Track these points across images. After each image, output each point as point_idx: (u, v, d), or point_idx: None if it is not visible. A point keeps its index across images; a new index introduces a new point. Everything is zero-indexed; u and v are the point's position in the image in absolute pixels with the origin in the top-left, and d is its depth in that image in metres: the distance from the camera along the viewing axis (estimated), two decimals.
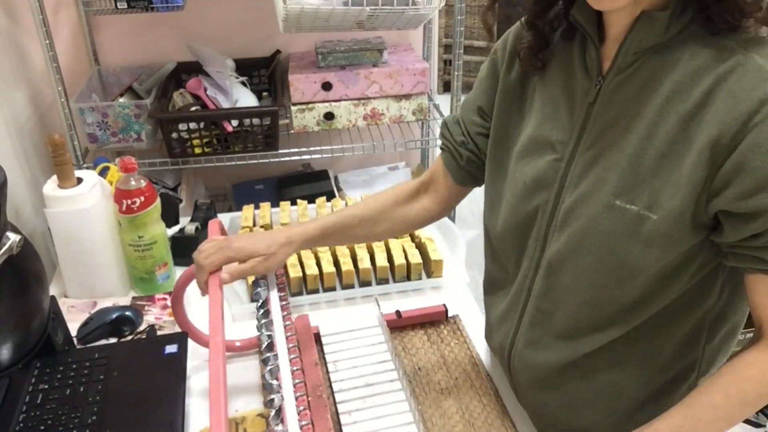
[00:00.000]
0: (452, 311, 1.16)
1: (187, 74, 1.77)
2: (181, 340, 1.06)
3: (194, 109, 1.61)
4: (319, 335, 1.08)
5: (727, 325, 0.83)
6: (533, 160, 0.83)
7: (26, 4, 1.41)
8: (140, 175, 1.19)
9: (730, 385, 0.73)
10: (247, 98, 1.69)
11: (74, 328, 1.13)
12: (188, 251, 1.03)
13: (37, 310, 0.99)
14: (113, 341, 1.13)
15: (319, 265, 1.24)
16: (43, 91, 1.66)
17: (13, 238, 0.89)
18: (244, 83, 1.74)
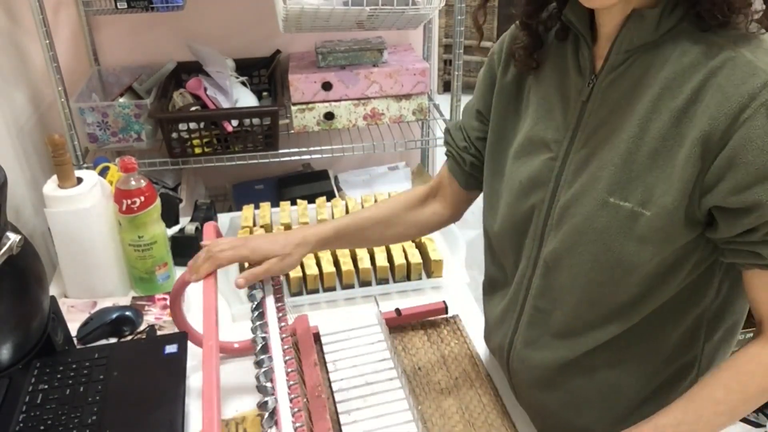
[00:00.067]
0: (452, 311, 1.16)
1: (187, 74, 1.77)
2: (181, 340, 1.06)
3: (194, 109, 1.61)
4: (318, 335, 1.09)
5: (726, 322, 0.83)
6: (529, 159, 0.84)
7: (26, 4, 1.41)
8: (140, 175, 1.19)
9: (731, 379, 0.73)
10: (247, 98, 1.69)
11: (74, 328, 1.13)
12: (188, 251, 1.04)
13: (37, 310, 0.99)
14: (113, 341, 1.13)
15: (319, 265, 1.24)
16: (43, 91, 1.66)
17: (13, 238, 0.89)
18: (244, 83, 1.74)
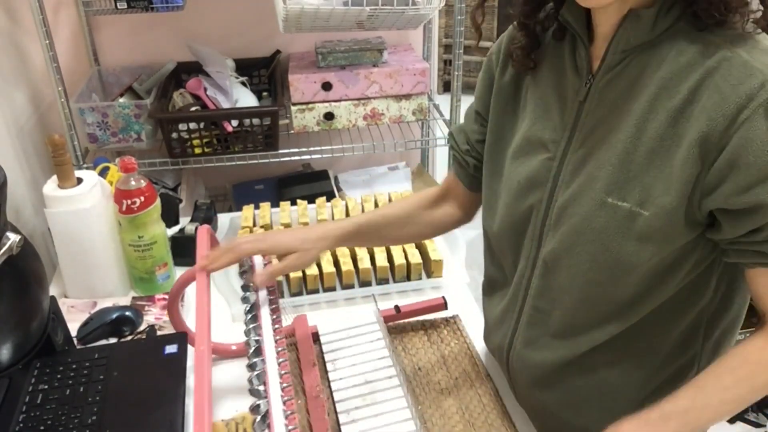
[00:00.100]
0: (452, 311, 1.16)
1: (187, 74, 1.77)
2: (180, 340, 1.05)
3: (194, 109, 1.61)
4: (317, 335, 1.09)
5: (724, 321, 0.83)
6: (527, 160, 0.84)
7: (26, 4, 1.41)
8: (140, 175, 1.19)
9: (739, 368, 0.72)
10: (247, 98, 1.69)
11: (74, 328, 1.13)
12: (188, 251, 1.03)
13: (37, 310, 0.99)
14: (113, 341, 1.13)
15: (319, 265, 1.24)
16: (43, 91, 1.66)
17: (13, 238, 0.89)
18: (244, 83, 1.74)
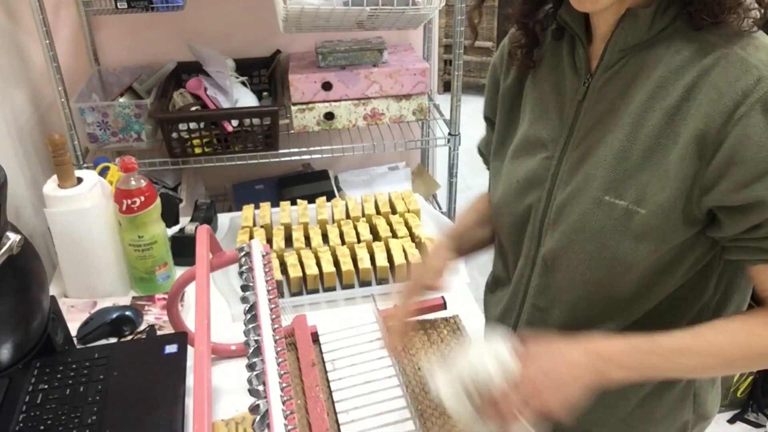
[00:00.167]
0: (452, 311, 1.16)
1: (187, 74, 1.77)
2: (181, 340, 1.05)
3: (194, 109, 1.61)
4: (317, 335, 1.09)
5: None
6: (526, 159, 0.84)
7: (26, 4, 1.41)
8: (140, 175, 1.19)
9: (739, 333, 0.72)
10: (247, 98, 1.69)
11: (74, 328, 1.13)
12: (188, 251, 1.03)
13: (37, 310, 0.99)
14: (113, 341, 1.13)
15: (319, 265, 1.24)
16: (43, 91, 1.66)
17: (13, 238, 0.89)
18: (244, 83, 1.74)
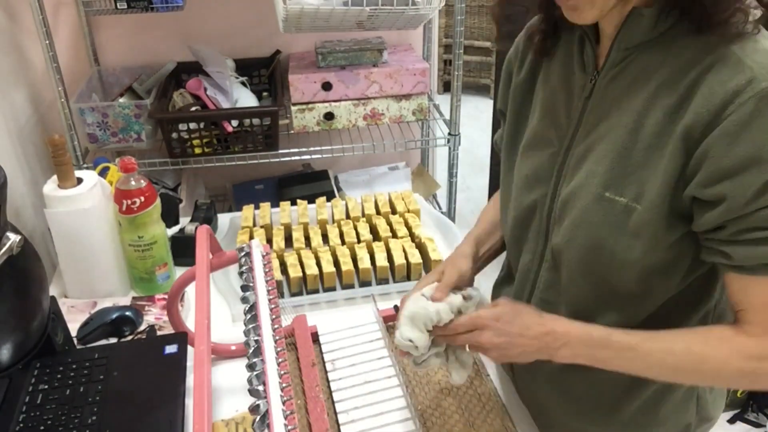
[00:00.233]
0: None
1: (187, 74, 1.77)
2: (180, 340, 1.05)
3: (194, 109, 1.61)
4: (317, 335, 1.09)
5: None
6: (534, 154, 0.85)
7: (26, 4, 1.41)
8: (140, 175, 1.19)
9: (696, 344, 0.73)
10: (247, 98, 1.69)
11: (74, 328, 1.13)
12: (188, 251, 1.03)
13: (37, 310, 0.99)
14: (113, 341, 1.13)
15: (319, 265, 1.24)
16: (43, 91, 1.66)
17: (13, 238, 0.89)
18: (244, 83, 1.74)
